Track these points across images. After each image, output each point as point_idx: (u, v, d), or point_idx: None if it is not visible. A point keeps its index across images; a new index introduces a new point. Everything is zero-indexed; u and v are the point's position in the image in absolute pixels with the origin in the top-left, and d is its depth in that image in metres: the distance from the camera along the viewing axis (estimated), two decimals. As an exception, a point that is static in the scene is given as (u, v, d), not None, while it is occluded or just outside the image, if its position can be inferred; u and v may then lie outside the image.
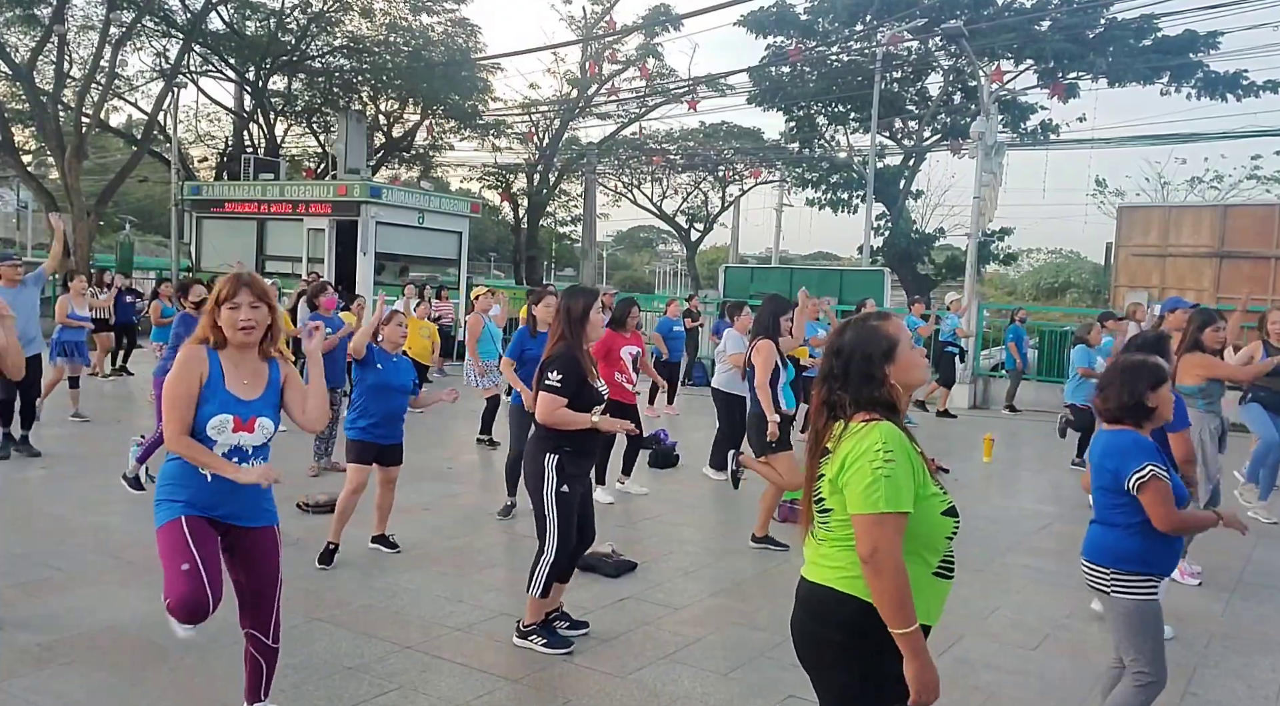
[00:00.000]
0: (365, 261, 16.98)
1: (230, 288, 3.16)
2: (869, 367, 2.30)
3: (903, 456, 2.20)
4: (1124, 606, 3.29)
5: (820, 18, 28.02)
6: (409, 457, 8.48)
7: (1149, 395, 3.34)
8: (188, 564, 3.12)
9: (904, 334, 2.34)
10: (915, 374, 2.35)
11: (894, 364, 2.31)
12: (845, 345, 2.35)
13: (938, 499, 2.25)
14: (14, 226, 44.43)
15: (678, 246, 48.41)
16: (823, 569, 2.31)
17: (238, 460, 3.21)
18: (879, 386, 2.30)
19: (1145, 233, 20.00)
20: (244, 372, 3.23)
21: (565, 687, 4.05)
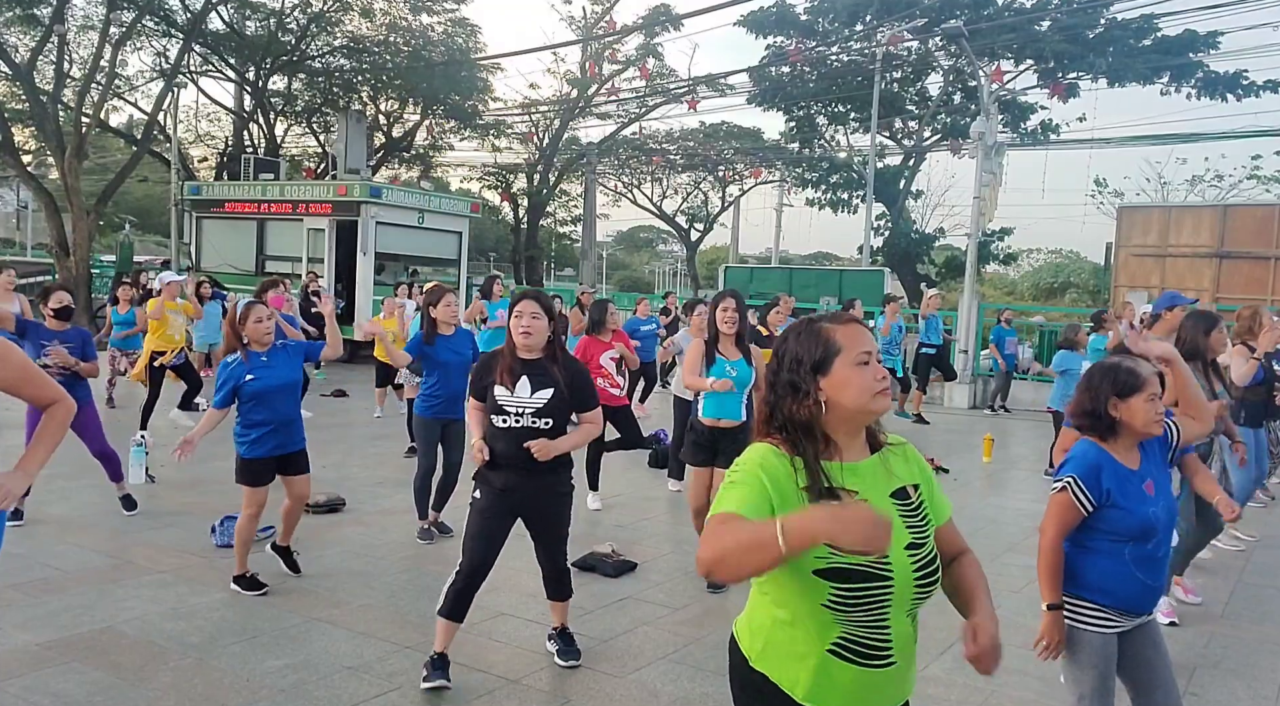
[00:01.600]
0: (365, 261, 16.98)
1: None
2: (796, 376, 1.90)
3: (753, 473, 1.82)
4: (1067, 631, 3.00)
5: (820, 18, 28.04)
6: (408, 459, 8.45)
7: (1113, 402, 2.97)
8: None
9: (855, 343, 1.89)
10: (852, 394, 1.86)
11: (827, 377, 1.88)
12: (784, 349, 1.97)
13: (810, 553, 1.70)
14: (14, 226, 44.44)
15: (678, 246, 48.45)
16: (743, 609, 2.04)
17: None
18: (803, 400, 1.88)
19: (1145, 233, 20.01)
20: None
21: (565, 687, 4.05)
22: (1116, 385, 2.98)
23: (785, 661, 1.87)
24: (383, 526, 6.50)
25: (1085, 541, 3.00)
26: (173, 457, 4.94)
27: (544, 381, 3.97)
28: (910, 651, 1.92)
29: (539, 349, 4.01)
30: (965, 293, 16.36)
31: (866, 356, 1.89)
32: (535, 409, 3.94)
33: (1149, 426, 2.96)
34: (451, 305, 6.13)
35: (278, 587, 5.15)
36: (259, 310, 5.14)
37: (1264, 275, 18.31)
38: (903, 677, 1.91)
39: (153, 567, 5.41)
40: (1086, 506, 2.94)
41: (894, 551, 1.80)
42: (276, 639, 4.42)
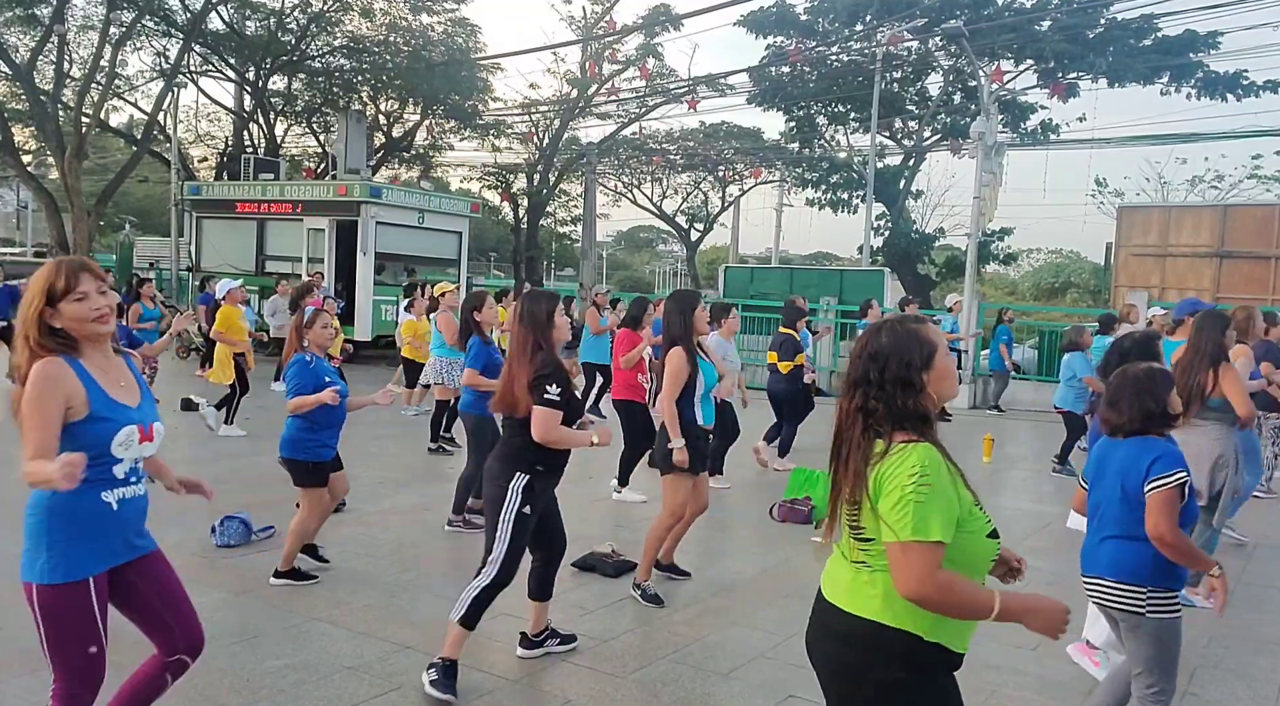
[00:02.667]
0: (365, 261, 16.99)
1: (67, 277, 2.60)
2: (907, 374, 2.13)
3: (940, 482, 2.05)
4: (1158, 628, 3.17)
5: (820, 18, 28.05)
6: (408, 459, 8.50)
7: (1171, 401, 3.24)
8: (95, 647, 2.66)
9: (943, 341, 2.20)
10: (950, 384, 2.19)
11: (931, 372, 2.15)
12: (883, 349, 2.17)
13: (980, 522, 2.12)
14: (14, 226, 44.46)
15: (678, 246, 48.46)
16: (866, 599, 2.15)
17: (134, 479, 2.77)
18: (916, 395, 2.13)
19: (1145, 233, 20.01)
20: (114, 375, 2.72)
21: (565, 687, 4.05)
22: (1169, 384, 3.30)
23: (956, 623, 2.12)
24: (383, 526, 6.51)
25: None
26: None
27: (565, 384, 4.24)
28: None
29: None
30: (965, 293, 16.35)
31: (947, 348, 2.22)
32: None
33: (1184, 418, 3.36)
34: (493, 307, 6.57)
35: (278, 588, 5.15)
36: (325, 317, 5.35)
37: (1264, 275, 18.31)
38: None
39: (153, 567, 5.40)
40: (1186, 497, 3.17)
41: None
42: (276, 639, 4.42)
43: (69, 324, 2.62)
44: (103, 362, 2.70)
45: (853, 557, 2.22)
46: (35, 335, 2.60)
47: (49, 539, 2.62)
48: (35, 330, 2.60)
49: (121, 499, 2.72)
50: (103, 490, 2.66)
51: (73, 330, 2.63)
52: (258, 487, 7.14)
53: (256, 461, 8.07)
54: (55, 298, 2.60)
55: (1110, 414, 3.30)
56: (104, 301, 2.65)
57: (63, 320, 2.61)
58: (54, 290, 2.60)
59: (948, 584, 2.02)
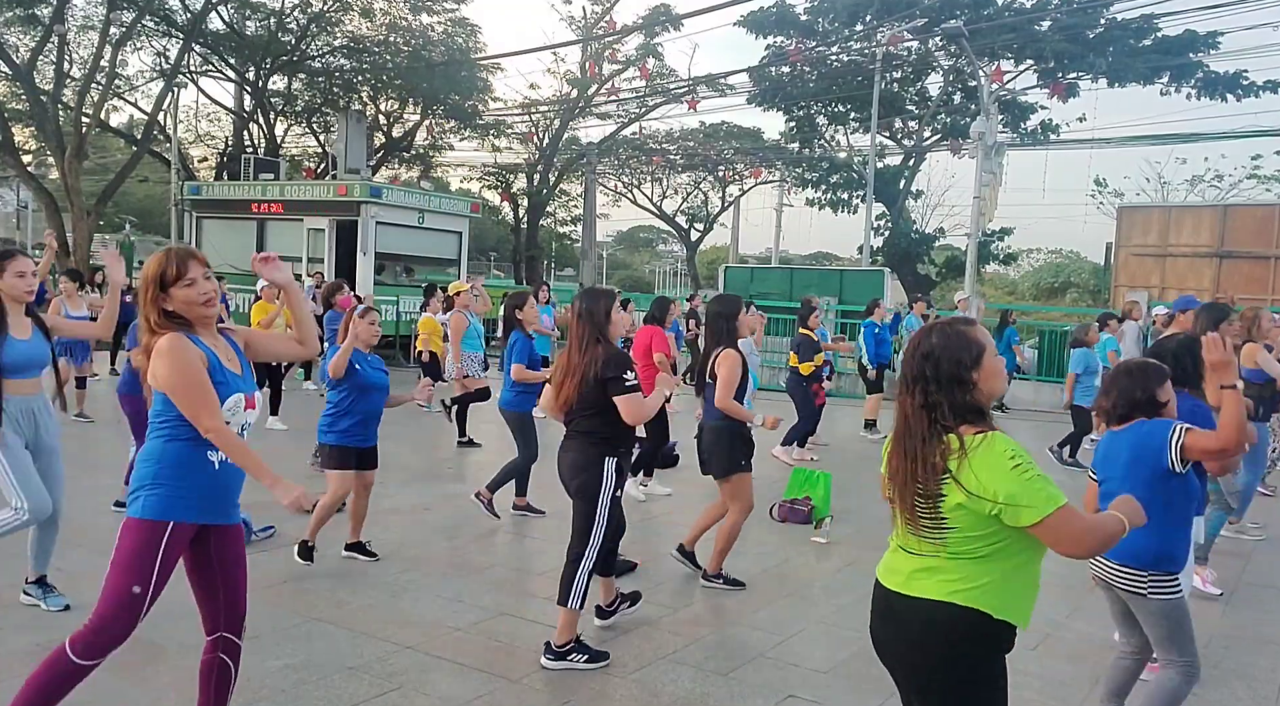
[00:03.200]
0: (365, 261, 16.98)
1: (177, 264, 2.86)
2: (959, 372, 2.28)
3: (1031, 459, 2.23)
4: (1163, 607, 3.36)
5: (820, 18, 28.05)
6: (408, 458, 8.50)
7: (1159, 390, 3.44)
8: (139, 586, 2.83)
9: (990, 341, 2.34)
10: (998, 382, 2.33)
11: (981, 370, 2.29)
12: (934, 348, 2.32)
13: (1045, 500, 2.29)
14: (14, 226, 44.46)
15: (678, 246, 48.44)
16: (936, 584, 2.29)
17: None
18: (970, 391, 2.29)
19: (1145, 233, 20.02)
20: (222, 349, 3.00)
21: (565, 687, 4.05)
22: (1161, 374, 3.49)
23: (1023, 600, 2.30)
24: (383, 526, 6.50)
25: (1183, 516, 3.39)
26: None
27: None
28: None
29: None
30: (965, 292, 16.35)
31: (994, 347, 2.36)
32: None
33: (1174, 410, 3.49)
34: (534, 307, 6.89)
35: (277, 587, 5.15)
36: (373, 314, 5.62)
37: (1264, 275, 18.31)
38: None
39: (153, 567, 5.40)
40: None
41: None
42: (276, 639, 4.41)
43: (180, 307, 2.88)
44: (211, 339, 2.97)
45: (920, 549, 2.34)
46: (155, 318, 2.88)
47: (152, 481, 2.88)
48: (154, 313, 2.88)
49: (224, 460, 2.94)
50: (210, 449, 2.90)
51: (183, 312, 2.89)
52: (258, 487, 7.11)
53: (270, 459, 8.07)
54: (167, 283, 2.86)
55: (1103, 401, 3.58)
56: (209, 286, 2.92)
57: (174, 303, 2.87)
58: (165, 276, 2.86)
59: (1095, 526, 2.29)
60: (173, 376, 2.83)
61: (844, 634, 4.74)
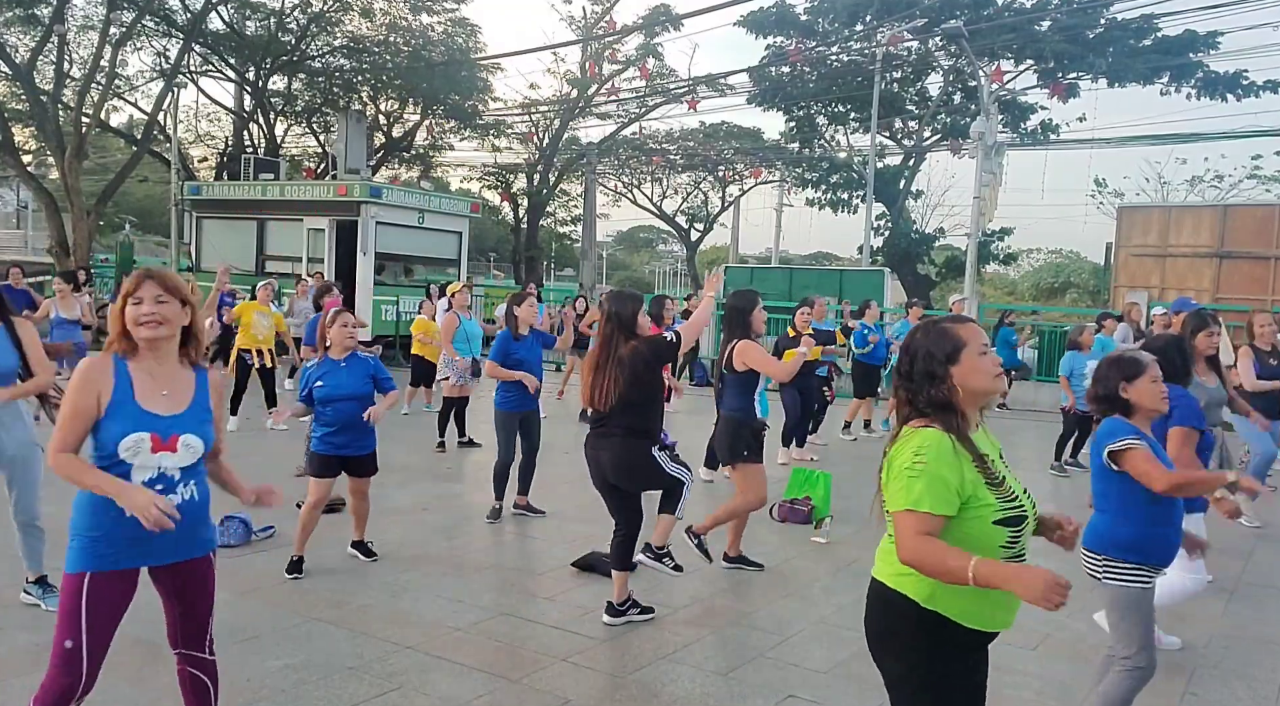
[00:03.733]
0: (365, 261, 16.98)
1: (134, 282, 2.82)
2: (931, 366, 2.36)
3: (938, 461, 2.24)
4: (1112, 592, 3.42)
5: (820, 18, 28.04)
6: (408, 458, 8.49)
7: (1123, 386, 3.45)
8: (70, 641, 2.69)
9: (975, 339, 2.37)
10: (979, 379, 2.35)
11: (958, 366, 2.35)
12: (916, 345, 2.42)
13: (990, 509, 2.27)
14: (14, 226, 44.46)
15: (678, 246, 48.42)
16: (885, 566, 2.41)
17: (162, 488, 2.74)
18: (939, 385, 2.34)
19: (1145, 233, 19.99)
20: (161, 383, 2.81)
21: (565, 687, 4.05)
22: (1124, 371, 3.46)
23: (957, 598, 2.27)
24: (383, 526, 6.50)
25: (1127, 508, 3.40)
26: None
27: None
28: None
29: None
30: (965, 292, 16.35)
31: (985, 348, 2.38)
32: None
33: (1156, 403, 3.44)
34: (534, 305, 6.86)
35: (278, 588, 5.15)
36: (347, 316, 5.52)
37: (1264, 275, 18.29)
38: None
39: (153, 567, 5.40)
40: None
41: (1023, 497, 2.35)
42: (276, 639, 4.42)
43: (128, 324, 2.81)
44: (154, 368, 2.83)
45: (888, 532, 2.42)
46: (113, 333, 2.84)
47: (72, 531, 2.79)
48: (115, 327, 2.83)
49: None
50: None
51: (131, 331, 2.80)
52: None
53: (257, 461, 8.06)
54: (125, 298, 2.82)
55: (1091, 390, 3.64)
56: (152, 308, 2.77)
57: (125, 320, 2.81)
58: (126, 293, 2.83)
59: (928, 548, 2.19)
60: (64, 401, 2.77)
61: (844, 634, 4.74)
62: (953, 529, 2.24)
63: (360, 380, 5.43)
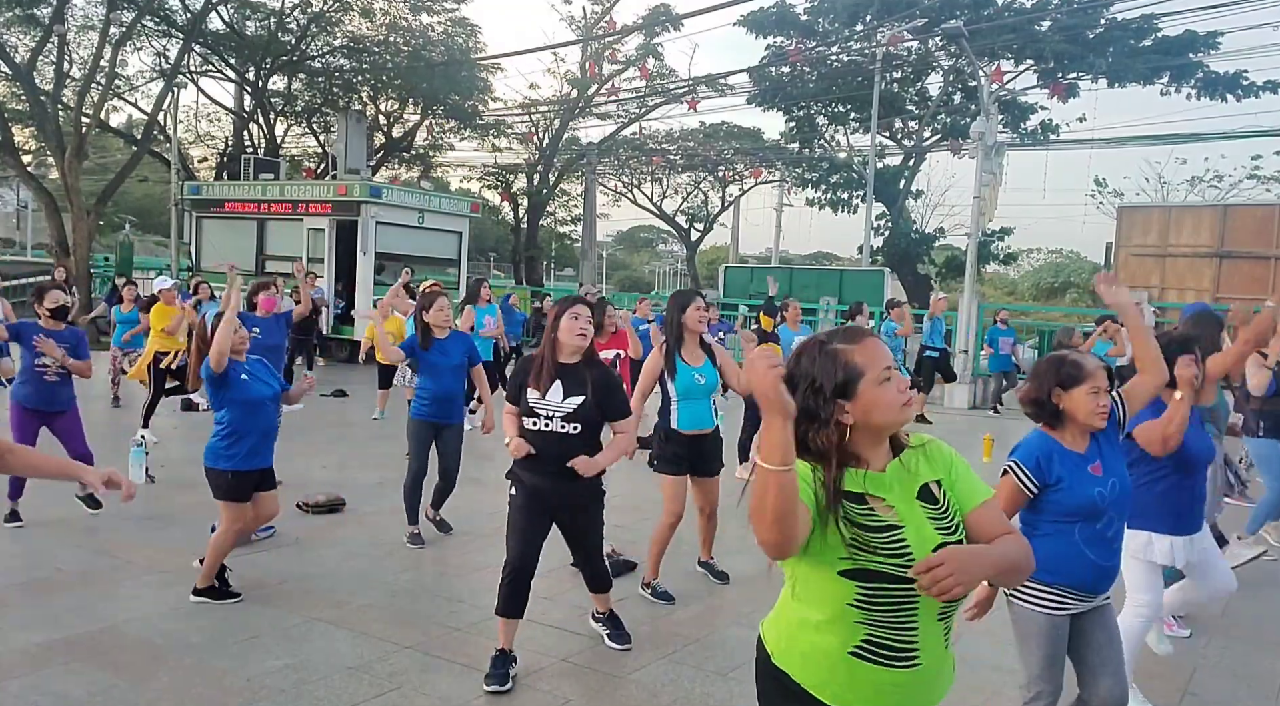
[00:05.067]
0: (365, 261, 16.98)
1: None
2: (814, 403, 1.85)
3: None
4: (1016, 614, 3.14)
5: (820, 18, 28.05)
6: (406, 460, 8.46)
7: (1056, 393, 3.06)
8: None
9: (875, 362, 1.86)
10: (883, 414, 1.86)
11: (854, 401, 1.85)
12: (796, 373, 1.87)
13: (834, 554, 1.83)
14: (14, 226, 44.46)
15: (678, 246, 48.43)
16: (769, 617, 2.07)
17: None
18: (823, 427, 1.84)
19: (1145, 233, 20.01)
20: None
21: (565, 687, 4.05)
22: (1060, 376, 3.07)
23: (806, 660, 1.90)
24: (383, 526, 6.50)
25: (1034, 523, 3.11)
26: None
27: (577, 387, 4.01)
28: (940, 653, 1.91)
29: (581, 353, 4.05)
30: (965, 293, 16.35)
31: (888, 372, 1.87)
32: (565, 414, 4.00)
33: (1090, 418, 3.03)
34: (444, 309, 6.16)
35: (278, 588, 5.15)
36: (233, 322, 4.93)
37: (1264, 275, 18.30)
38: (932, 681, 1.91)
39: (153, 567, 5.41)
40: (1030, 489, 3.06)
41: (919, 553, 1.80)
42: (276, 639, 4.42)
43: None
44: None
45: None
46: None
47: None
48: None
49: None
50: None
51: None
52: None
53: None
54: None
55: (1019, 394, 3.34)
56: None
57: None
58: None
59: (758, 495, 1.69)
60: None
61: (844, 634, 4.73)
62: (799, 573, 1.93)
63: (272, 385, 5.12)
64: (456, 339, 6.27)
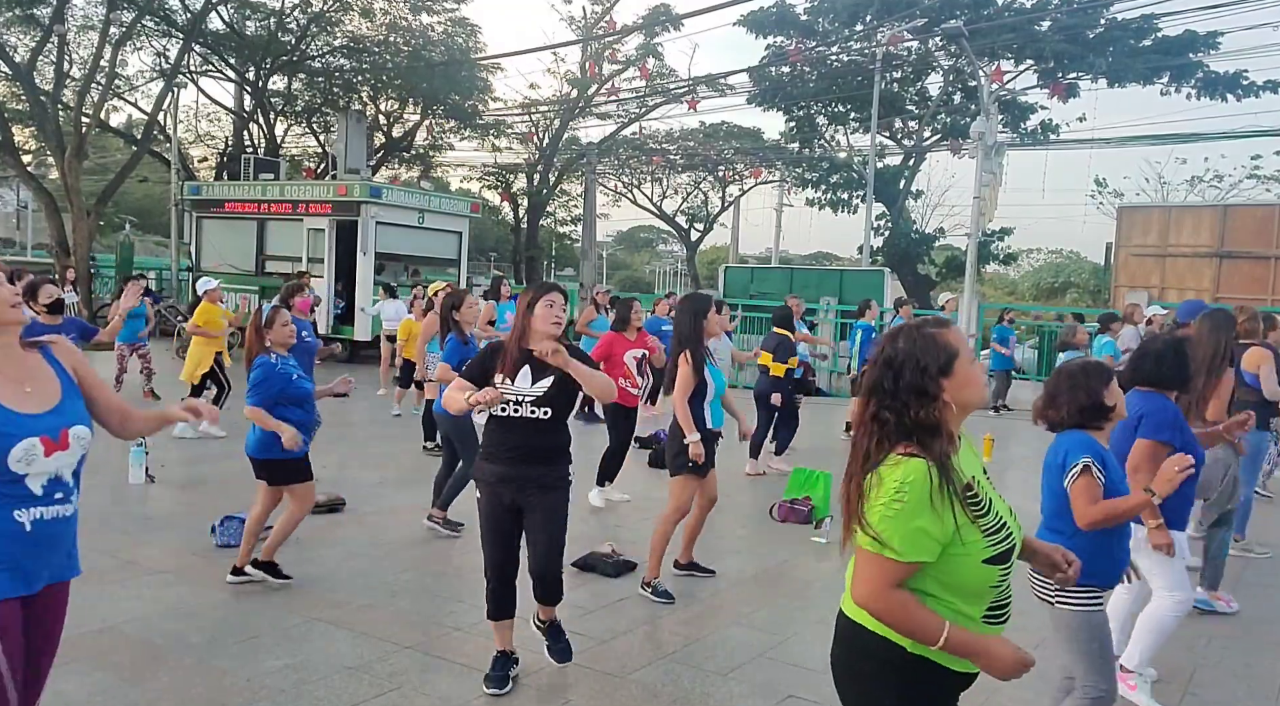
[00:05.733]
0: (365, 261, 16.98)
1: None
2: (922, 381, 2.04)
3: (915, 501, 1.96)
4: (1067, 618, 3.19)
5: (820, 18, 28.06)
6: (407, 459, 8.47)
7: (1105, 392, 3.22)
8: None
9: (965, 345, 2.09)
10: (973, 392, 2.08)
11: (951, 378, 2.05)
12: (898, 354, 2.08)
13: (978, 547, 2.01)
14: (14, 226, 44.45)
15: (678, 246, 48.41)
16: (848, 597, 2.15)
17: (61, 494, 2.44)
18: (930, 403, 2.03)
19: (1145, 233, 20.03)
20: (17, 378, 2.44)
21: (565, 687, 4.05)
22: (1104, 376, 3.28)
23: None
24: (383, 526, 6.51)
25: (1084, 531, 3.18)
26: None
27: (545, 371, 3.89)
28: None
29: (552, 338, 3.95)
30: (965, 292, 16.35)
31: (972, 354, 2.11)
32: (535, 398, 3.89)
33: (1122, 412, 3.30)
34: (474, 306, 6.49)
35: (278, 588, 5.15)
36: (285, 315, 5.29)
37: (1264, 275, 18.32)
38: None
39: (153, 567, 5.41)
40: (1101, 480, 3.16)
41: (1010, 523, 2.12)
42: (276, 639, 4.42)
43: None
44: (3, 365, 2.44)
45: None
46: None
47: None
48: None
49: (38, 519, 2.40)
50: (14, 508, 2.37)
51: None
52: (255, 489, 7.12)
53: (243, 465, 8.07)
54: None
55: (1049, 411, 3.33)
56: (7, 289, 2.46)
57: None
58: None
59: (899, 603, 2.00)
60: None
61: (844, 634, 4.74)
62: (937, 571, 2.01)
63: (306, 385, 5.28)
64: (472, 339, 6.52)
